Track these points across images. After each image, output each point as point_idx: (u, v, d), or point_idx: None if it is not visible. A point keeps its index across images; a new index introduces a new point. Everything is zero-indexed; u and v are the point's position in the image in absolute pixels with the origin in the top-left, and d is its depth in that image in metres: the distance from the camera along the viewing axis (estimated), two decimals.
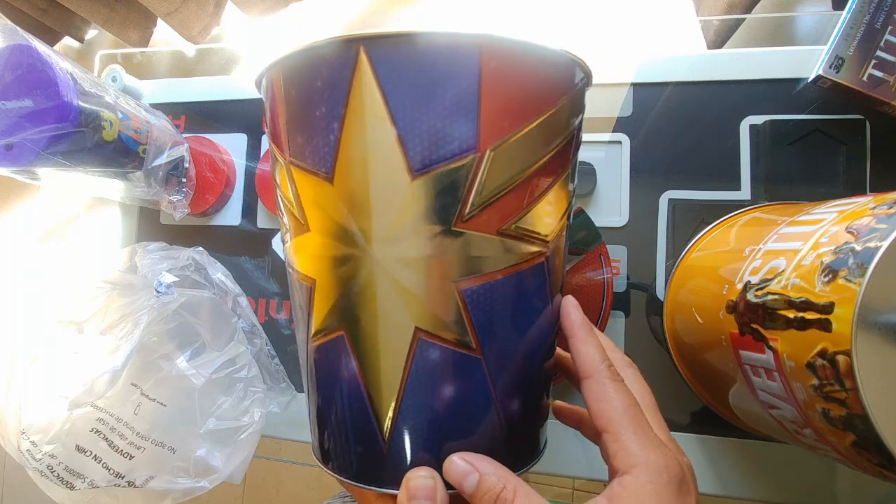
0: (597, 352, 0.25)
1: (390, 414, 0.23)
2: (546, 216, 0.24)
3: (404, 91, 0.21)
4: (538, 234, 0.24)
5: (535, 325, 0.25)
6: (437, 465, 0.23)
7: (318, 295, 0.24)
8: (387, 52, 0.21)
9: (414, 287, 0.22)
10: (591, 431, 0.28)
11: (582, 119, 0.26)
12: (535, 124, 0.23)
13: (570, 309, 0.27)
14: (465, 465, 0.23)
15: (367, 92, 0.22)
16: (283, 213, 0.26)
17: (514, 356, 0.24)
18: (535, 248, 0.24)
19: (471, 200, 0.22)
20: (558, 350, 0.29)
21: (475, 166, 0.22)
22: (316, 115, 0.23)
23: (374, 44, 0.21)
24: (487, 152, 0.22)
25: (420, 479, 0.23)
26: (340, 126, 0.22)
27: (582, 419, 0.30)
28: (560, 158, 0.24)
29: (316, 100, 0.23)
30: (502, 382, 0.24)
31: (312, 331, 0.25)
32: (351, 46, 0.21)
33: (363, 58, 0.21)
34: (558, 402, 0.32)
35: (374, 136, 0.22)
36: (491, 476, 0.22)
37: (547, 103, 0.23)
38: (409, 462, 0.23)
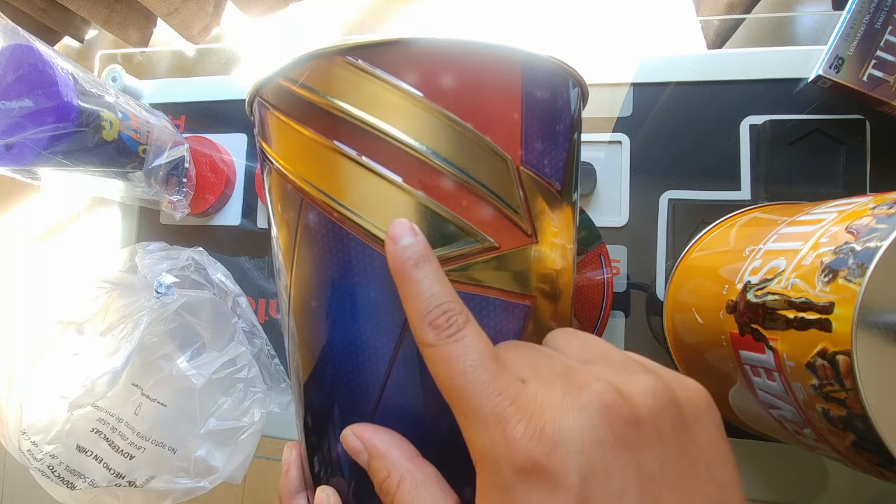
0: (421, 298, 0.19)
1: None
2: None
3: (581, 133, 0.27)
4: None
5: None
6: None
7: (535, 316, 0.22)
8: (583, 95, 0.26)
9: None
10: None
11: None
12: None
13: (393, 230, 0.20)
14: (358, 444, 0.20)
15: (578, 123, 0.26)
16: (470, 227, 0.21)
17: None
18: None
19: None
20: None
21: None
22: (556, 129, 0.23)
23: (580, 85, 0.26)
24: None
25: None
26: (568, 146, 0.24)
27: None
28: None
29: (558, 114, 0.24)
30: None
31: None
32: (576, 79, 0.25)
33: (579, 92, 0.25)
34: None
35: (577, 163, 0.26)
36: (377, 460, 0.20)
37: None
38: None
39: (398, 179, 0.21)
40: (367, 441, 0.20)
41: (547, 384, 0.17)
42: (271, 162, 0.25)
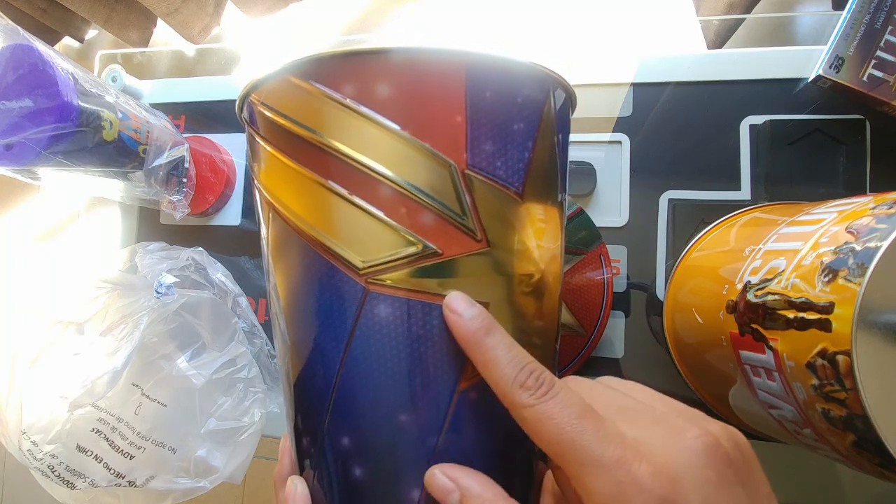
0: (503, 363, 0.20)
1: None
2: None
3: (568, 134, 0.26)
4: None
5: None
6: None
7: (499, 319, 0.22)
8: (566, 97, 0.25)
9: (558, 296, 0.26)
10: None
11: None
12: None
13: (455, 305, 0.21)
14: (448, 483, 0.20)
15: (551, 123, 0.24)
16: (414, 233, 0.21)
17: None
18: None
19: None
20: None
21: None
22: (513, 129, 0.23)
23: (560, 85, 0.25)
24: None
25: None
26: (533, 146, 0.23)
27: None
28: None
29: (515, 113, 0.23)
30: None
31: (469, 370, 0.21)
32: (551, 79, 0.24)
33: (556, 92, 0.24)
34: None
35: (557, 164, 0.25)
36: (472, 500, 0.20)
37: None
38: None
39: (338, 188, 0.22)
40: (458, 480, 0.20)
41: (642, 428, 0.18)
42: (252, 168, 0.27)
